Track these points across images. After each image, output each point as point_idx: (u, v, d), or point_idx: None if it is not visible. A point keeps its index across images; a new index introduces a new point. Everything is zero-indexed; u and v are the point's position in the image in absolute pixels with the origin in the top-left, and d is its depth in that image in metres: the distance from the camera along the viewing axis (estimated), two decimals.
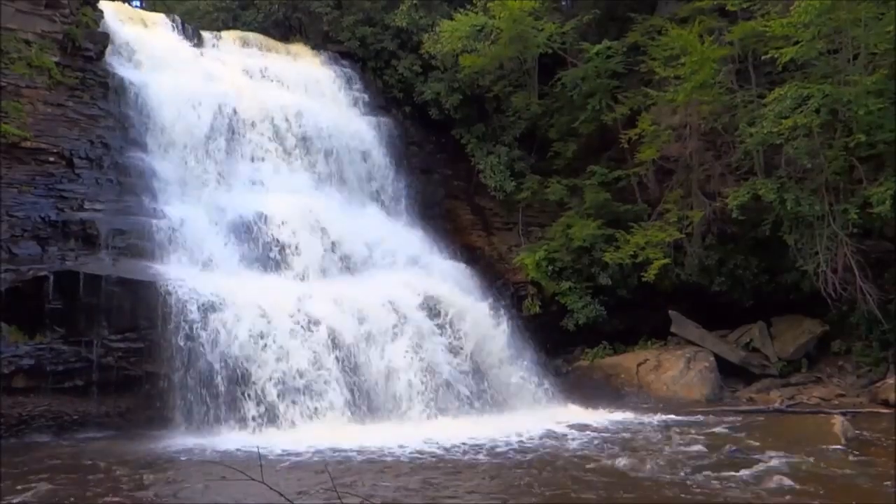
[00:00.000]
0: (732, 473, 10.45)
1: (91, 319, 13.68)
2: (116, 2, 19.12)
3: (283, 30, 22.20)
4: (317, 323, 14.60)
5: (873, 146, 15.81)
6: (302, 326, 14.48)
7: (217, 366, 13.70)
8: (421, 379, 14.86)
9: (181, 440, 12.81)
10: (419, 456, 11.84)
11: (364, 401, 14.27)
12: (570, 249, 19.03)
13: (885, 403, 15.53)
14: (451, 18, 19.72)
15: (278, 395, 13.75)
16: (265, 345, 14.03)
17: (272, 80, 19.25)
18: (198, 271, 14.92)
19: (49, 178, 14.63)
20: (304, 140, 18.37)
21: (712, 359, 18.05)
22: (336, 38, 21.43)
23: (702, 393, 17.34)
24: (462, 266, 18.19)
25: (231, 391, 13.61)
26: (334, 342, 14.55)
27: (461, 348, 15.75)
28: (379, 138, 19.69)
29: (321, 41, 21.61)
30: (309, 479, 10.49)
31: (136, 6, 26.05)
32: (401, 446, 12.24)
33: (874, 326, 16.93)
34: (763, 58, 16.76)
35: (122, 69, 16.65)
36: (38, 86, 14.59)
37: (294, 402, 13.82)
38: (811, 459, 11.26)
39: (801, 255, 16.64)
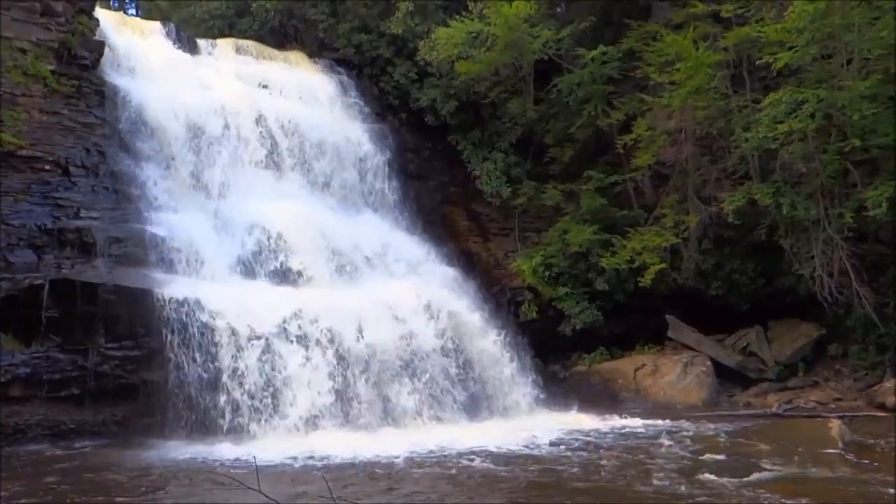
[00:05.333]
0: (730, 478, 10.45)
1: (87, 328, 13.64)
2: (112, 10, 19.13)
3: (279, 37, 22.22)
4: (314, 330, 14.57)
5: (868, 150, 15.86)
6: (299, 334, 14.46)
7: (214, 374, 13.68)
8: (417, 386, 14.86)
9: (178, 448, 12.76)
10: (415, 463, 11.81)
11: (361, 408, 14.24)
12: (566, 255, 19.05)
13: (883, 407, 15.55)
14: (447, 25, 19.74)
15: (275, 404, 13.72)
16: (262, 353, 14.01)
17: (268, 88, 19.27)
18: (194, 279, 14.90)
19: (45, 186, 14.62)
20: (301, 147, 18.38)
21: (709, 363, 18.06)
22: (332, 46, 21.45)
23: (699, 397, 17.36)
24: (459, 272, 18.18)
25: (228, 399, 13.58)
26: (332, 349, 14.52)
27: (458, 354, 15.75)
28: (375, 145, 19.71)
29: (317, 48, 21.64)
30: (306, 487, 10.47)
31: (133, 14, 26.12)
32: (397, 454, 12.21)
33: (870, 330, 16.95)
34: (757, 63, 16.80)
35: (118, 77, 16.66)
36: (33, 94, 14.58)
37: (292, 410, 13.78)
38: (809, 463, 11.27)
39: (797, 259, 16.68)
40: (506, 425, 14.65)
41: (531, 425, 14.59)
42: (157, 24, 19.76)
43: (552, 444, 13.19)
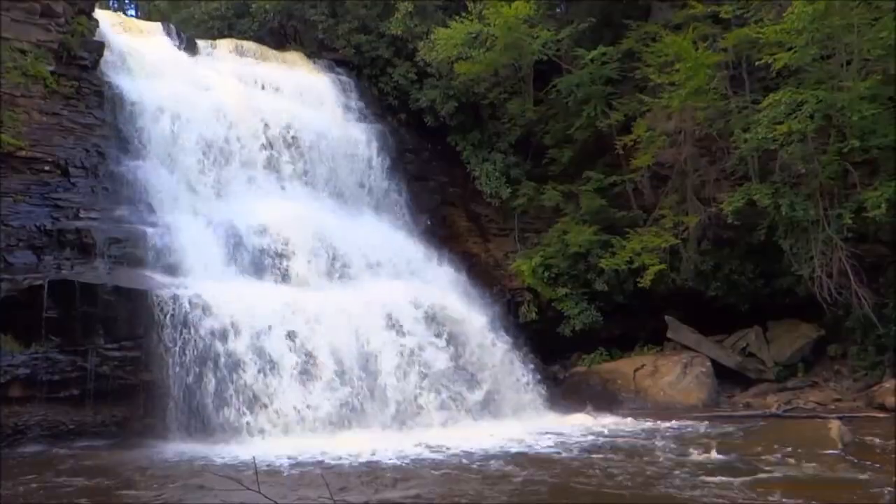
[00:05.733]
0: (729, 479, 10.45)
1: (87, 328, 13.63)
2: (112, 11, 19.13)
3: (279, 38, 22.23)
4: (313, 331, 14.58)
5: (867, 151, 15.89)
6: (298, 334, 14.45)
7: (213, 374, 13.68)
8: (417, 387, 14.85)
9: (177, 449, 12.77)
10: (415, 464, 11.81)
11: (360, 409, 14.24)
12: (566, 255, 19.05)
13: (882, 407, 15.53)
14: (446, 26, 19.75)
15: (274, 404, 13.71)
16: (261, 353, 14.00)
17: (267, 88, 19.27)
18: (193, 280, 14.87)
19: (44, 187, 14.63)
20: (300, 148, 18.39)
21: (709, 364, 18.05)
22: (331, 46, 21.47)
23: (699, 398, 17.35)
24: (458, 273, 18.18)
25: (227, 400, 13.57)
26: (331, 350, 14.52)
27: (458, 356, 15.74)
28: (374, 146, 19.71)
29: (316, 49, 21.65)
30: (305, 487, 10.47)
31: (132, 15, 26.12)
32: (397, 454, 12.22)
33: (869, 330, 16.94)
34: (757, 64, 16.83)
35: (117, 78, 16.66)
36: (33, 95, 14.59)
37: (291, 411, 13.78)
38: (808, 464, 11.26)
39: (797, 259, 16.69)
40: (508, 426, 14.62)
41: (533, 426, 14.59)
42: (156, 25, 19.80)
43: (554, 444, 13.19)
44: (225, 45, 20.22)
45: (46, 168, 14.70)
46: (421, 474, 11.17)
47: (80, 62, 15.58)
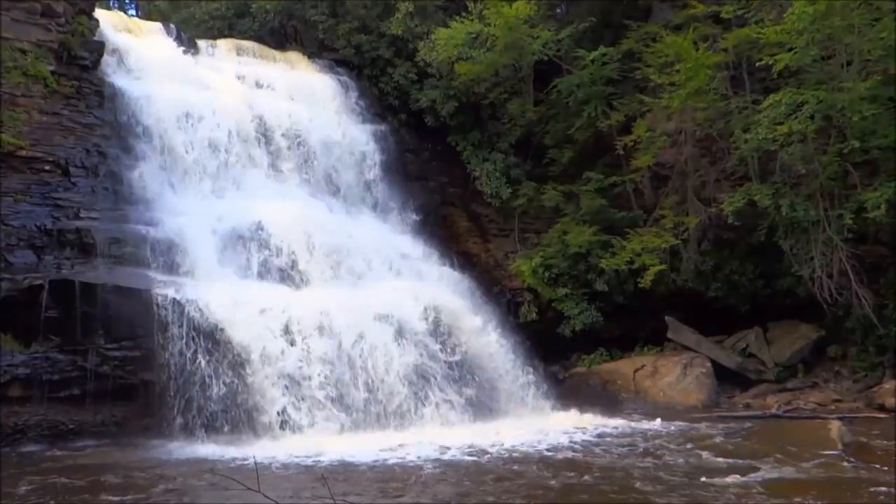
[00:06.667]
0: (729, 479, 10.45)
1: (87, 328, 13.62)
2: (112, 11, 19.14)
3: (279, 38, 22.25)
4: (312, 331, 14.58)
5: (867, 152, 15.91)
6: (297, 335, 14.46)
7: (213, 374, 13.67)
8: (416, 387, 14.85)
9: (177, 449, 12.78)
10: (414, 464, 11.81)
11: (360, 409, 14.23)
12: (566, 256, 19.06)
13: (882, 408, 15.55)
14: (447, 26, 19.75)
15: (274, 404, 13.71)
16: (261, 353, 14.00)
17: (268, 88, 19.29)
18: (193, 279, 14.89)
19: (45, 187, 14.65)
20: (300, 148, 18.41)
21: (709, 364, 18.05)
22: (332, 46, 21.48)
23: (699, 399, 17.34)
24: (458, 273, 18.18)
25: (227, 400, 13.57)
26: (330, 350, 14.52)
27: (457, 356, 15.74)
28: (375, 146, 19.73)
29: (317, 49, 21.66)
30: (305, 487, 10.47)
31: (132, 15, 26.12)
32: (396, 454, 12.22)
33: (870, 331, 16.95)
34: (757, 64, 16.84)
35: (118, 78, 16.67)
36: (33, 94, 14.60)
37: (290, 411, 13.78)
38: (808, 465, 11.26)
39: (797, 260, 16.69)
40: (508, 427, 14.60)
41: (533, 427, 14.54)
42: (157, 25, 19.82)
43: (554, 445, 13.17)
44: (225, 45, 20.23)
45: (47, 168, 14.72)
46: (423, 475, 11.16)
47: (81, 62, 15.59)
